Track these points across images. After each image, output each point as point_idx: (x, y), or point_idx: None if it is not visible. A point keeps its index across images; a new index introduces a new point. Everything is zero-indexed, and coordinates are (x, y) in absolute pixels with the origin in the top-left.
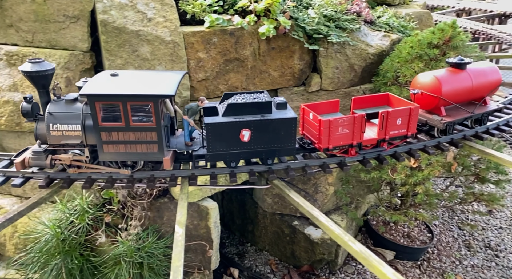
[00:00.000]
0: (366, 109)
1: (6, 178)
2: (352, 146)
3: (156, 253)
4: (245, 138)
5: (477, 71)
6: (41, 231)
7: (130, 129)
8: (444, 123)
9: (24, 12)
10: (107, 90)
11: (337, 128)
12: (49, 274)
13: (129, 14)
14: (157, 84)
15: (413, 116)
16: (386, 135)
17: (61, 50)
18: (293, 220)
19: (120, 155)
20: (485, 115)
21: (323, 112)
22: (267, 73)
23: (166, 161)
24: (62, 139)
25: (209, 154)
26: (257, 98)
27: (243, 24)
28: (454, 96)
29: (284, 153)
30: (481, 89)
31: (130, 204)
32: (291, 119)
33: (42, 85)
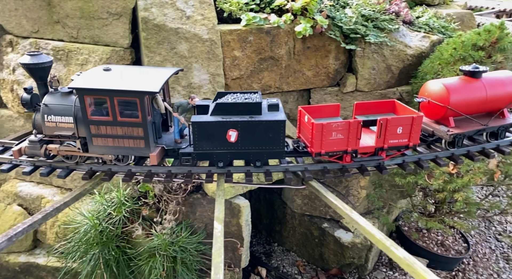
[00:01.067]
0: (368, 115)
1: (35, 167)
2: (347, 152)
3: (189, 248)
4: (232, 138)
5: (494, 80)
6: (81, 221)
7: (118, 123)
8: (451, 134)
9: (71, 9)
10: (96, 84)
11: (331, 133)
12: (87, 264)
13: (169, 12)
14: (145, 81)
15: (415, 126)
16: (384, 143)
17: (103, 46)
18: (322, 222)
19: (108, 149)
20: (502, 128)
21: (322, 115)
22: (301, 72)
23: (153, 157)
24: (56, 130)
25: (196, 152)
26: (249, 98)
27: (279, 22)
28: (464, 106)
29: (273, 156)
30: (497, 100)
31: (166, 198)
32: (280, 122)
33: (39, 77)
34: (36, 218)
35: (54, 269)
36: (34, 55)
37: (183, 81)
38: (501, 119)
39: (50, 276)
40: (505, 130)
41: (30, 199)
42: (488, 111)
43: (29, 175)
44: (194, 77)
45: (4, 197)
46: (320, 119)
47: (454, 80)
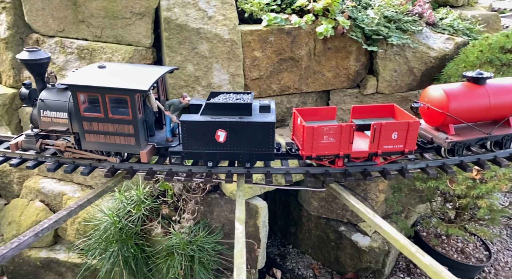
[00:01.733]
0: (365, 119)
1: (59, 164)
2: (339, 157)
3: (206, 248)
4: (221, 138)
5: (499, 87)
6: (101, 218)
7: (109, 120)
8: (450, 142)
9: (96, 9)
10: (88, 81)
11: (322, 136)
12: (107, 261)
13: (191, 12)
14: (136, 79)
15: (411, 132)
16: (378, 149)
17: (126, 46)
18: (339, 225)
19: (100, 145)
20: (507, 138)
21: (318, 118)
22: (321, 73)
23: (143, 155)
24: (51, 125)
25: (185, 151)
26: (240, 99)
27: (301, 23)
28: (465, 113)
29: (262, 158)
30: (502, 108)
31: (185, 197)
32: (269, 124)
33: (37, 72)
34: (61, 214)
35: (73, 265)
36: (32, 51)
37: (203, 81)
38: (506, 128)
39: (69, 272)
40: (511, 140)
41: (51, 196)
42: (492, 119)
43: (54, 172)
44: (214, 77)
45: (27, 193)
46: (315, 121)
47: (455, 86)
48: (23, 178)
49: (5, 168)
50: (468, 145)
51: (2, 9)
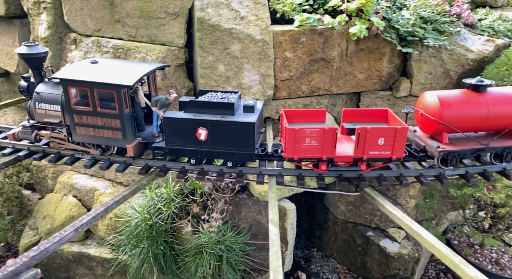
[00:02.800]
0: (356, 123)
1: (95, 161)
2: (322, 160)
3: (234, 248)
4: (202, 136)
5: (500, 96)
6: (131, 215)
7: (97, 114)
8: (441, 151)
9: (131, 8)
10: (78, 76)
11: (304, 139)
12: (137, 257)
13: (224, 12)
14: (124, 74)
15: (399, 138)
16: (364, 154)
17: (160, 45)
18: (367, 230)
19: (90, 138)
20: (508, 150)
21: (307, 120)
22: (353, 75)
23: (129, 149)
24: (45, 117)
25: (168, 147)
26: (225, 98)
27: (334, 24)
28: (459, 122)
29: (243, 158)
30: (502, 118)
31: (214, 196)
32: (249, 124)
33: (34, 66)
34: (99, 210)
35: (103, 260)
36: (30, 46)
37: (234, 82)
38: (507, 140)
39: (99, 267)
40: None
41: (84, 191)
42: (492, 129)
43: (90, 168)
44: (244, 78)
45: (60, 188)
46: (304, 124)
47: (451, 93)
48: (57, 174)
49: (40, 163)
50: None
51: (43, 9)
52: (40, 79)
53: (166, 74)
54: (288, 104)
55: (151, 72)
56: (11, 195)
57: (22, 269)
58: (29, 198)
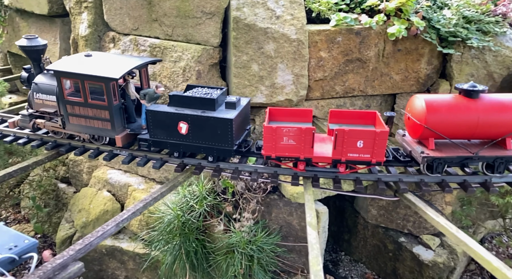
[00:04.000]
0: (343, 124)
1: (132, 157)
2: (299, 160)
3: (265, 249)
4: (183, 130)
5: (493, 103)
6: (164, 211)
7: (88, 105)
8: (425, 157)
9: (169, 8)
10: (70, 68)
11: (282, 137)
12: (169, 253)
13: (260, 11)
14: (113, 68)
15: (379, 141)
16: (342, 156)
17: (195, 45)
18: (399, 236)
19: (82, 128)
20: (500, 160)
21: (291, 119)
22: (389, 76)
23: (118, 140)
24: (42, 107)
25: (151, 139)
26: (209, 93)
27: (371, 23)
28: (447, 128)
29: (222, 153)
30: (494, 126)
31: (246, 196)
32: (226, 120)
33: (33, 58)
34: (138, 206)
35: (135, 255)
36: (30, 39)
37: (267, 81)
38: (500, 150)
39: (131, 261)
40: (505, 163)
41: (118, 186)
42: (483, 138)
43: (128, 164)
44: (277, 78)
45: (95, 183)
46: (289, 123)
47: (441, 97)
48: (92, 168)
49: (76, 158)
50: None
51: (84, 8)
52: (39, 71)
53: (201, 73)
54: (321, 105)
55: (141, 66)
56: (48, 188)
57: (68, 262)
58: (65, 191)
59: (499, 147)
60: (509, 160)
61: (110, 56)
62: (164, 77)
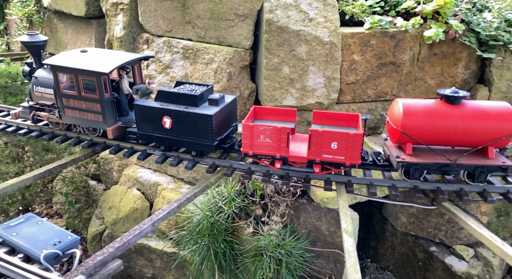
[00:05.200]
0: (325, 125)
1: (166, 157)
2: (275, 158)
3: (294, 253)
4: (167, 125)
5: (475, 110)
6: (193, 211)
7: (82, 98)
8: (399, 162)
9: (202, 10)
10: (65, 62)
11: (259, 136)
12: (198, 253)
13: (292, 14)
14: (105, 63)
15: (354, 144)
16: (317, 156)
17: (227, 47)
18: (430, 245)
19: (76, 120)
20: (480, 169)
21: (276, 119)
22: (423, 80)
23: (109, 131)
24: (41, 99)
25: (139, 133)
26: (194, 90)
27: (407, 26)
28: (424, 134)
29: (203, 148)
30: (474, 133)
31: (276, 199)
32: (206, 116)
33: (34, 53)
34: (173, 206)
35: (163, 253)
36: (31, 35)
37: (298, 84)
38: (481, 158)
39: (158, 259)
40: (486, 172)
41: (147, 185)
42: (463, 145)
43: (161, 163)
44: (309, 80)
45: (125, 181)
46: (273, 122)
47: (421, 102)
48: (122, 167)
49: (107, 156)
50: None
51: (120, 10)
52: (40, 65)
53: (232, 75)
54: (352, 109)
55: (132, 61)
56: (79, 185)
57: (108, 259)
58: (95, 188)
59: (481, 156)
60: (490, 169)
61: (104, 51)
62: (196, 79)
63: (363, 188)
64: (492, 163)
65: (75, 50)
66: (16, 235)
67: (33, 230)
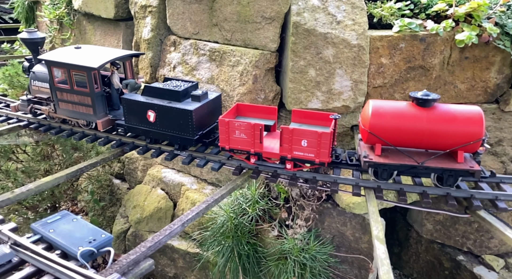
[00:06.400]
0: (303, 124)
1: (192, 158)
2: (250, 153)
3: (318, 258)
4: (151, 118)
5: (444, 114)
6: (217, 212)
7: (74, 92)
8: (366, 162)
9: (230, 13)
10: (59, 58)
11: (234, 131)
12: (222, 255)
13: (320, 17)
14: (94, 59)
15: (323, 142)
16: (288, 153)
17: (253, 49)
18: (457, 254)
19: (69, 113)
20: (448, 173)
21: (257, 116)
22: (453, 85)
23: (99, 124)
24: (38, 93)
25: (126, 125)
26: (179, 86)
27: (438, 29)
28: (392, 135)
29: (185, 142)
30: (442, 136)
31: (301, 203)
32: (187, 111)
33: (32, 49)
34: (201, 207)
35: (185, 253)
36: (30, 32)
37: (324, 87)
38: (450, 162)
39: (181, 259)
40: (455, 176)
41: (171, 185)
42: (433, 148)
43: (188, 164)
44: (335, 83)
45: (149, 180)
46: (253, 119)
47: (391, 104)
48: (147, 166)
49: (132, 155)
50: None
51: (148, 13)
52: (38, 61)
53: (257, 78)
54: None
55: (122, 57)
56: (104, 183)
57: (141, 258)
58: (119, 187)
59: (451, 160)
60: (460, 173)
61: (97, 48)
62: (222, 81)
63: (390, 193)
64: (460, 167)
65: (70, 46)
66: (53, 232)
67: (69, 228)
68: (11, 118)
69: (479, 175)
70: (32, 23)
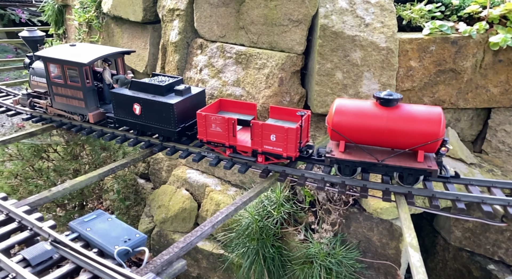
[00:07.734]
0: (279, 120)
1: (219, 160)
2: (225, 146)
3: (344, 263)
4: (137, 111)
5: (405, 114)
6: (242, 214)
7: (68, 86)
8: (328, 158)
9: (256, 16)
10: (53, 54)
11: (211, 124)
12: (247, 257)
13: (348, 19)
14: (87, 55)
15: (290, 138)
16: (259, 147)
17: (279, 52)
18: (488, 263)
19: (64, 106)
20: (408, 172)
21: (238, 111)
22: (485, 88)
23: (90, 116)
24: (37, 87)
25: (115, 118)
26: (164, 81)
27: (471, 32)
28: (353, 132)
29: (167, 134)
30: (402, 135)
31: (327, 207)
32: (168, 105)
33: (32, 47)
34: (230, 209)
35: (209, 254)
36: (30, 31)
37: (351, 90)
38: (410, 161)
39: (204, 260)
40: (414, 175)
41: (196, 186)
42: (394, 146)
43: (215, 166)
44: (363, 86)
45: (174, 181)
46: (233, 114)
47: (355, 103)
48: (171, 167)
49: (157, 156)
50: (362, 168)
51: (176, 16)
52: (37, 57)
53: (283, 80)
54: None
55: (113, 55)
56: (129, 183)
57: (173, 259)
58: (143, 187)
59: (412, 159)
60: (419, 172)
61: (90, 46)
62: (247, 84)
63: (419, 199)
64: (418, 166)
65: (66, 44)
66: (90, 230)
67: (104, 226)
68: (10, 110)
69: (436, 174)
70: (61, 26)
